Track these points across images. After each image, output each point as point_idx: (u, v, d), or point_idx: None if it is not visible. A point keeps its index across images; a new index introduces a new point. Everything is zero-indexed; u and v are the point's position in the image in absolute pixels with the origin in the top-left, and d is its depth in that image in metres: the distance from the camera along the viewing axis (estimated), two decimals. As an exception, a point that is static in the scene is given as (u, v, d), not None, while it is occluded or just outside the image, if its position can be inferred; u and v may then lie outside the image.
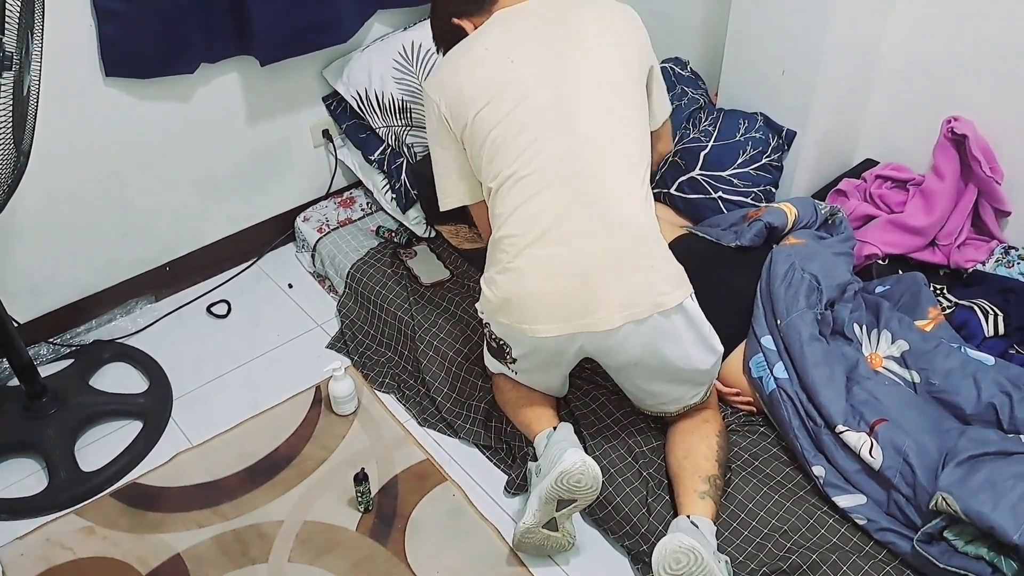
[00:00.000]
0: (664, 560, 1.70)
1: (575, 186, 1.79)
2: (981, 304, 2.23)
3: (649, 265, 1.79)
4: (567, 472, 1.76)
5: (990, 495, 1.66)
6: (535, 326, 1.79)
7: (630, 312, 1.76)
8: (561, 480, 1.76)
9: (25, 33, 1.66)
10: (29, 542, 2.05)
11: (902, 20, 2.51)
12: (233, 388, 2.44)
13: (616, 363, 1.90)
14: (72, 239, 2.46)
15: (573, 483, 1.77)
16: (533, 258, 1.78)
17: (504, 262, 1.82)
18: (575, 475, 1.76)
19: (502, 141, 1.82)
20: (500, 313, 1.85)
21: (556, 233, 1.77)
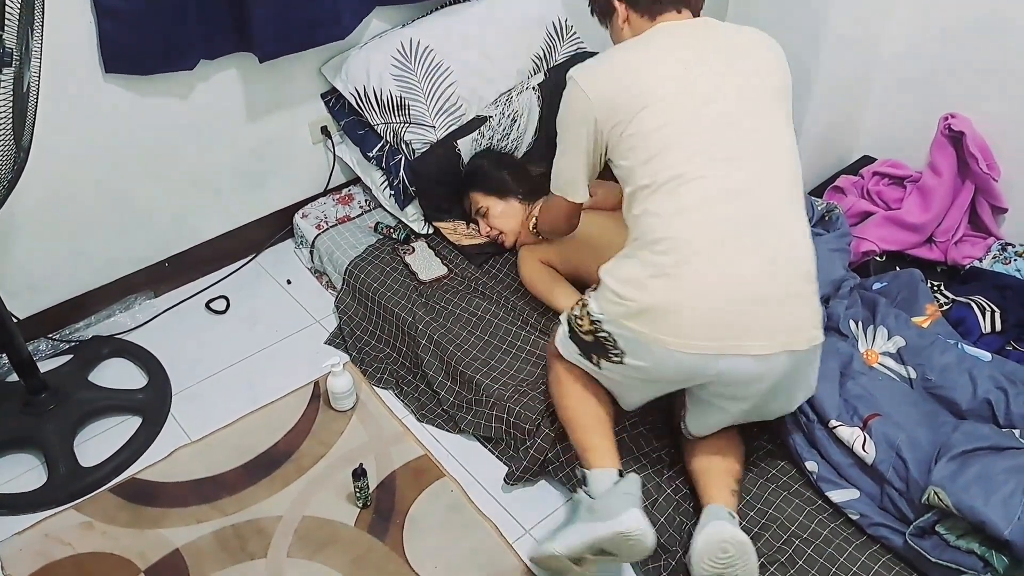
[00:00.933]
0: (710, 550, 1.69)
1: (752, 204, 1.73)
2: (978, 300, 2.24)
3: (809, 298, 1.75)
4: (625, 535, 1.70)
5: (982, 490, 1.67)
6: (682, 340, 1.68)
7: (788, 341, 1.70)
8: (616, 540, 1.71)
9: (25, 29, 1.67)
10: (28, 537, 2.05)
11: (900, 18, 2.52)
12: (231, 384, 2.45)
13: (735, 393, 1.79)
14: (71, 235, 2.46)
15: (628, 545, 1.71)
16: (700, 270, 1.69)
17: (664, 267, 1.70)
18: (631, 540, 1.70)
19: (669, 141, 1.75)
20: (637, 319, 1.72)
21: (730, 248, 1.69)
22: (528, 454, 2.09)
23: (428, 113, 2.60)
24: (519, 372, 2.26)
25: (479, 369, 2.27)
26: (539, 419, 2.11)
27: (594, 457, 1.89)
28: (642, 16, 1.92)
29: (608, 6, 1.98)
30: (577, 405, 1.98)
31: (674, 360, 1.71)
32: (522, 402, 2.16)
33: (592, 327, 1.84)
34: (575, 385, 1.99)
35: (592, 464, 1.88)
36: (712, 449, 1.95)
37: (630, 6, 1.94)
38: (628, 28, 1.95)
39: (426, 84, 2.60)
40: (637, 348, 1.75)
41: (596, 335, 1.83)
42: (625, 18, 1.95)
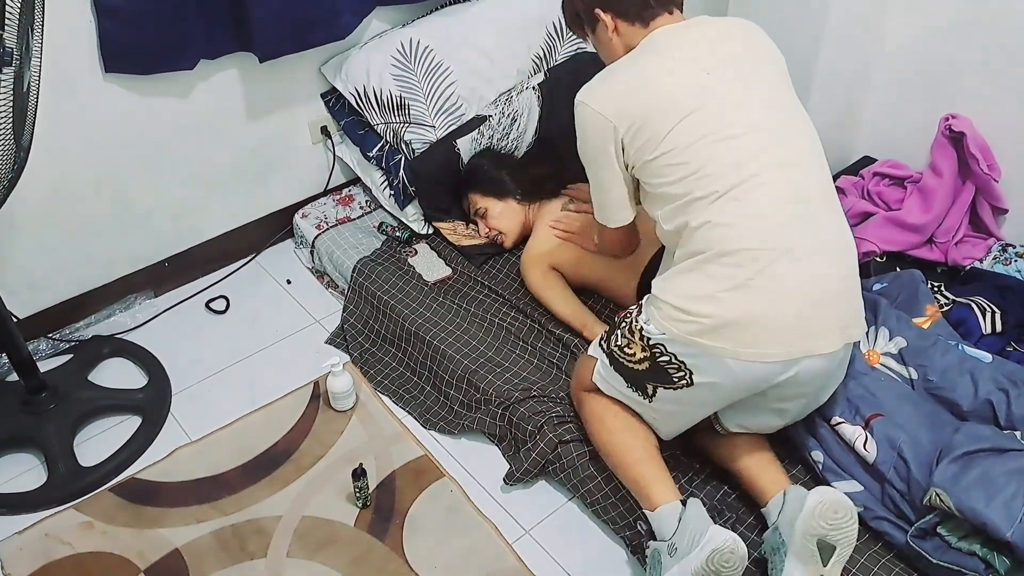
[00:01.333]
0: (823, 511, 1.66)
1: (806, 202, 1.73)
2: (979, 301, 2.23)
3: (858, 286, 1.78)
4: (718, 551, 1.65)
5: (984, 492, 1.67)
6: (760, 351, 1.66)
7: (848, 335, 1.73)
8: (712, 560, 1.65)
9: (25, 29, 1.67)
10: (28, 537, 2.05)
11: (900, 18, 2.52)
12: (231, 383, 2.45)
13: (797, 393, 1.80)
14: (71, 235, 2.46)
15: (723, 563, 1.65)
16: (778, 278, 1.66)
17: (740, 279, 1.66)
18: (725, 554, 1.65)
19: (714, 151, 1.71)
20: (712, 335, 1.67)
21: (799, 250, 1.68)
22: (530, 456, 2.09)
23: (428, 113, 2.60)
24: (523, 370, 2.26)
25: (489, 368, 2.27)
26: (542, 421, 2.10)
27: (655, 494, 1.83)
28: (633, 24, 1.86)
29: (592, 17, 1.90)
30: (625, 440, 1.92)
31: (750, 372, 1.70)
32: (527, 403, 2.15)
33: (650, 352, 1.78)
34: (618, 419, 1.94)
35: (655, 503, 1.82)
36: (748, 446, 1.94)
37: (618, 15, 1.86)
38: (617, 38, 1.88)
39: (426, 84, 2.60)
40: (709, 365, 1.71)
41: (656, 360, 1.78)
42: (613, 28, 1.87)
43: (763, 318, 1.66)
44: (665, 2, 1.86)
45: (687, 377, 1.75)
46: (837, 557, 1.70)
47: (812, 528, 1.68)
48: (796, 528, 1.68)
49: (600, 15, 1.88)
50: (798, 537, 1.68)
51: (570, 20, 2.01)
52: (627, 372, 1.86)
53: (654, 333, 1.75)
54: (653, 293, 1.79)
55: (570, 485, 2.07)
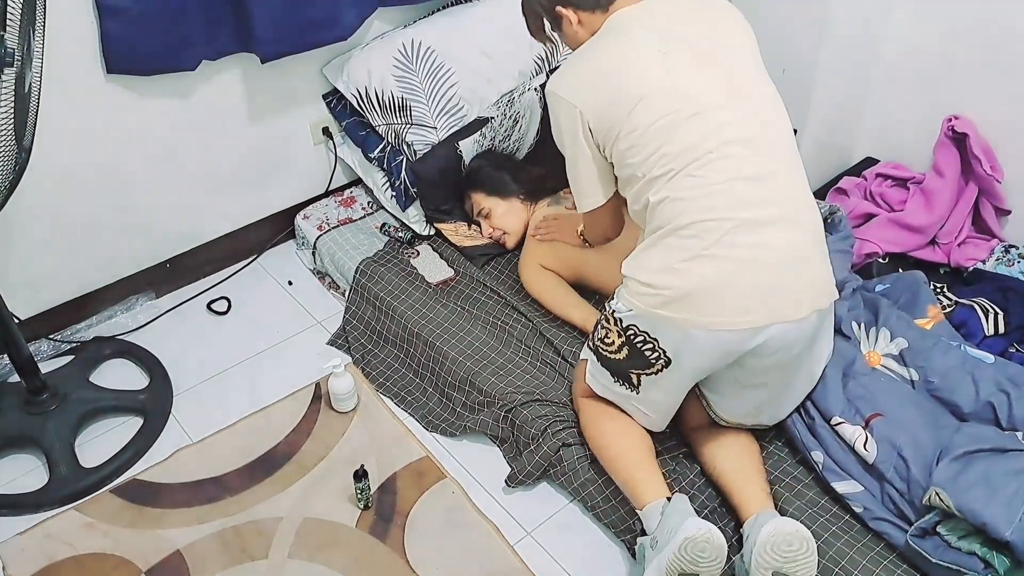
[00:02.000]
0: (776, 542, 1.67)
1: (766, 172, 1.74)
2: (981, 303, 2.23)
3: (824, 255, 1.79)
4: (691, 539, 1.65)
5: (983, 491, 1.67)
6: (724, 319, 1.68)
7: (816, 301, 1.74)
8: (685, 549, 1.65)
9: (27, 30, 1.67)
10: (29, 538, 2.05)
11: (902, 19, 2.52)
12: (233, 385, 2.45)
13: (773, 363, 1.79)
14: (73, 236, 2.46)
15: (697, 552, 1.65)
16: (738, 245, 1.68)
17: (697, 249, 1.68)
18: (699, 543, 1.65)
19: (672, 130, 1.73)
20: (674, 306, 1.70)
21: (757, 220, 1.69)
22: (532, 459, 2.08)
23: (430, 114, 2.60)
24: (525, 373, 2.26)
25: (491, 370, 2.27)
26: (545, 425, 2.10)
27: (642, 493, 1.86)
28: (594, 12, 1.88)
29: (555, 15, 1.93)
30: (618, 443, 1.95)
31: (717, 341, 1.71)
32: (530, 406, 2.15)
33: (625, 335, 1.81)
34: (612, 423, 1.97)
35: (642, 501, 1.85)
36: (738, 455, 1.94)
37: (577, 8, 1.89)
38: (582, 29, 1.91)
39: (428, 85, 2.60)
40: (677, 338, 1.73)
41: (631, 342, 1.80)
42: (577, 20, 1.90)
43: (723, 286, 1.68)
44: None
45: (662, 356, 1.77)
46: None
47: (765, 561, 1.68)
48: (752, 559, 1.70)
49: (562, 11, 1.91)
50: (753, 569, 1.70)
51: (534, 29, 2.03)
52: (611, 364, 1.89)
53: (623, 311, 1.79)
54: (623, 272, 1.82)
55: (571, 488, 2.07)
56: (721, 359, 1.77)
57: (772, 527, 1.69)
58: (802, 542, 1.68)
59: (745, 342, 1.71)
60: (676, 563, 1.67)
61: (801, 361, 1.84)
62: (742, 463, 1.93)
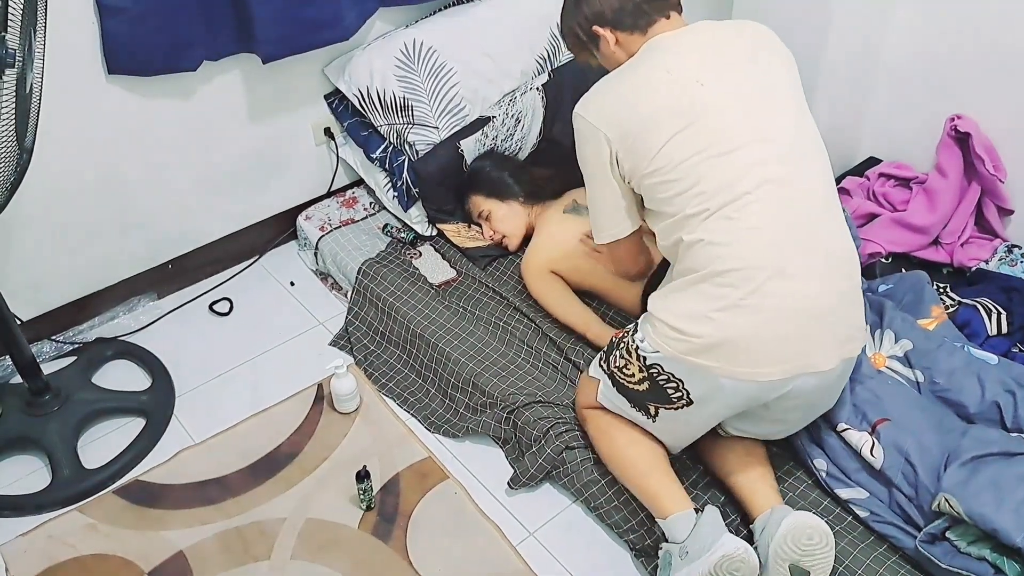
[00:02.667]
0: (796, 534, 1.66)
1: (802, 216, 1.70)
2: (984, 303, 2.23)
3: (858, 299, 1.76)
4: (728, 557, 1.65)
5: (993, 497, 1.66)
6: (757, 369, 1.66)
7: (846, 350, 1.72)
8: (721, 566, 1.65)
9: (27, 30, 1.67)
10: (32, 539, 2.05)
11: (904, 19, 2.51)
12: (235, 385, 2.44)
13: (796, 405, 1.79)
14: (75, 236, 2.46)
15: (732, 570, 1.66)
16: (772, 295, 1.65)
17: (733, 299, 1.65)
18: (735, 562, 1.65)
19: (707, 166, 1.69)
20: (705, 354, 1.67)
21: (793, 268, 1.66)
22: (535, 461, 2.08)
23: (431, 114, 2.60)
24: (528, 374, 2.26)
25: (494, 371, 2.27)
26: (548, 427, 2.10)
27: (667, 503, 1.84)
28: (631, 33, 1.85)
29: (592, 34, 1.90)
30: (631, 452, 1.92)
31: (744, 391, 1.70)
32: (533, 408, 2.15)
33: (647, 372, 1.78)
34: (624, 434, 1.94)
35: (667, 511, 1.82)
36: (747, 460, 1.93)
37: (615, 28, 1.86)
38: (620, 50, 1.88)
39: (429, 85, 2.60)
40: (703, 384, 1.72)
41: (654, 380, 1.78)
42: (615, 41, 1.87)
43: (756, 337, 1.66)
44: (661, 8, 1.84)
45: (685, 397, 1.75)
46: None
47: (784, 552, 1.68)
48: (769, 551, 1.69)
49: (599, 31, 1.88)
50: (771, 560, 1.69)
51: (573, 45, 2.00)
52: (628, 393, 1.86)
53: (648, 351, 1.76)
54: (649, 311, 1.78)
55: (574, 489, 2.07)
56: (746, 405, 1.76)
57: (793, 520, 1.69)
58: (822, 536, 1.68)
59: (773, 391, 1.71)
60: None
61: (825, 402, 1.85)
62: (750, 462, 1.92)
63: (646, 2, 1.83)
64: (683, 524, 1.78)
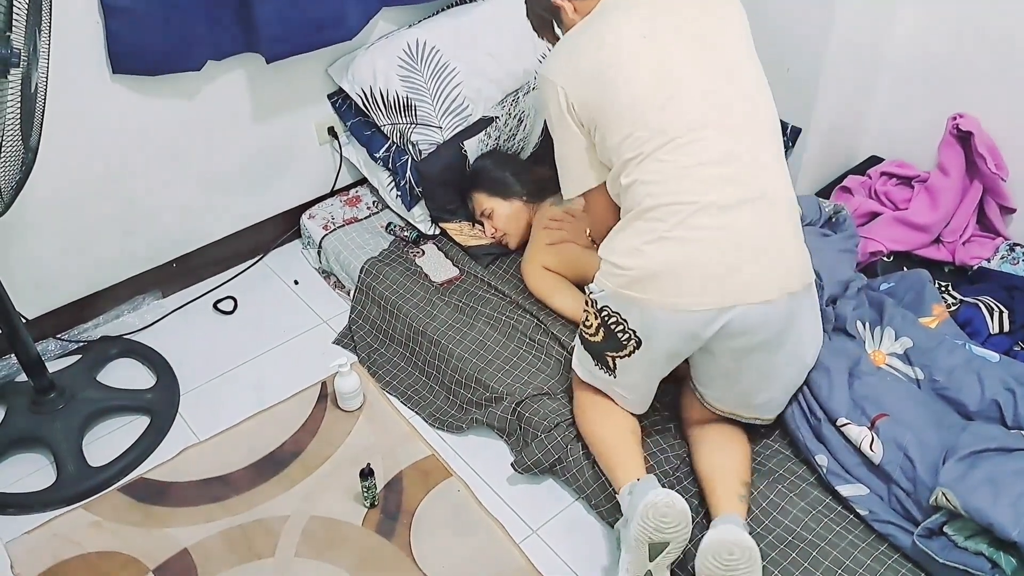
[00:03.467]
0: (715, 549, 1.66)
1: (737, 154, 1.74)
2: (986, 301, 2.23)
3: (798, 237, 1.79)
4: (651, 504, 1.67)
5: (990, 491, 1.66)
6: (685, 299, 1.70)
7: (786, 284, 1.74)
8: (647, 515, 1.67)
9: (32, 30, 1.67)
10: (37, 536, 2.06)
11: (907, 17, 2.51)
12: (239, 384, 2.45)
13: (745, 345, 1.79)
14: (79, 235, 2.47)
15: (659, 518, 1.66)
16: (699, 227, 1.69)
17: (660, 231, 1.71)
18: (660, 508, 1.66)
19: (646, 111, 1.75)
20: (638, 286, 1.73)
21: (723, 202, 1.70)
22: (543, 448, 2.08)
23: (434, 114, 2.61)
24: (532, 367, 2.27)
25: (498, 366, 2.28)
26: (557, 420, 2.11)
27: (620, 474, 1.88)
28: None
29: (554, 9, 1.97)
30: (601, 427, 1.99)
31: (680, 322, 1.73)
32: (540, 400, 2.16)
33: (600, 316, 1.84)
34: (595, 408, 2.01)
35: (619, 485, 1.88)
36: (719, 456, 1.94)
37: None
38: (579, 16, 1.93)
39: (432, 85, 2.61)
40: (642, 319, 1.77)
41: (606, 323, 1.83)
42: (572, 9, 1.93)
43: (683, 268, 1.70)
44: None
45: (632, 336, 1.80)
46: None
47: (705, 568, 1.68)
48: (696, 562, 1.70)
49: (558, 3, 1.95)
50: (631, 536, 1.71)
51: (537, 25, 2.07)
52: (591, 347, 1.92)
53: (595, 291, 1.84)
54: (599, 254, 1.84)
55: (575, 486, 2.07)
56: (687, 341, 1.78)
57: (713, 534, 1.69)
58: (743, 551, 1.67)
59: (707, 324, 1.73)
60: (642, 532, 1.68)
61: (780, 344, 1.82)
62: (721, 468, 1.92)
63: None
64: (626, 495, 1.82)
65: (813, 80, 2.49)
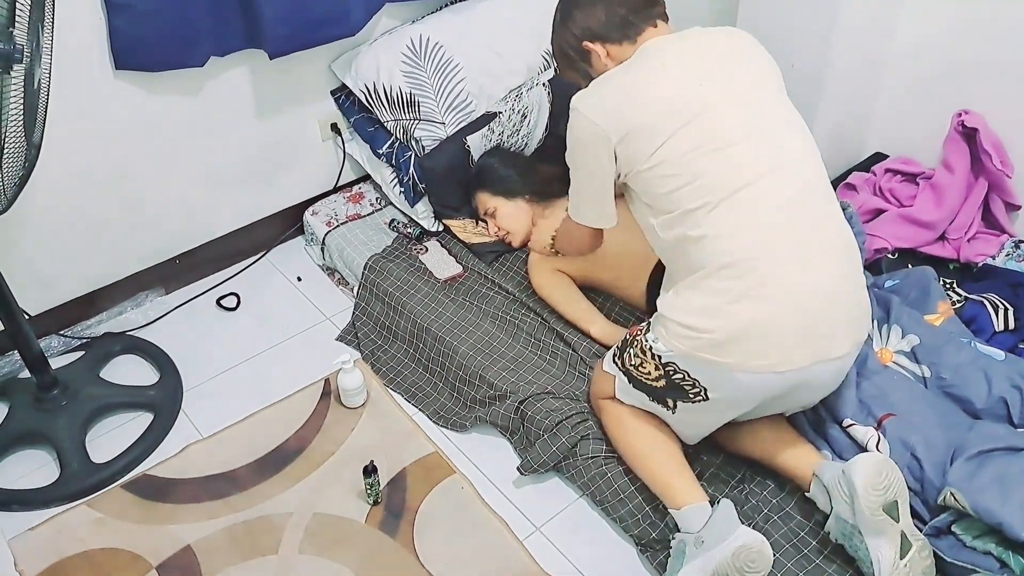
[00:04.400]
0: (870, 478, 1.65)
1: (801, 204, 1.72)
2: (991, 298, 2.22)
3: (863, 284, 1.77)
4: (745, 547, 1.67)
5: (999, 491, 1.66)
6: (769, 362, 1.67)
7: (858, 334, 1.74)
8: (737, 556, 1.67)
9: (35, 26, 1.67)
10: (40, 533, 2.06)
11: (912, 13, 2.50)
12: (243, 380, 2.45)
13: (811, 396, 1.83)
14: (82, 232, 2.47)
15: (748, 561, 1.67)
16: (780, 287, 1.66)
17: (741, 289, 1.66)
18: (752, 553, 1.67)
19: (707, 161, 1.70)
20: (717, 350, 1.68)
21: (799, 256, 1.68)
22: (548, 449, 2.08)
23: (438, 110, 2.60)
24: (536, 367, 2.27)
25: (502, 364, 2.28)
26: (560, 418, 2.10)
27: (682, 495, 1.85)
28: (621, 44, 1.85)
29: (583, 51, 1.90)
30: (647, 443, 1.94)
31: (762, 383, 1.71)
32: (544, 399, 2.16)
33: (663, 370, 1.80)
34: (639, 424, 1.95)
35: (682, 503, 1.84)
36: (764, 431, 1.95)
37: (605, 42, 1.86)
38: (612, 62, 1.87)
39: (436, 81, 2.60)
40: (720, 380, 1.72)
41: (671, 377, 1.79)
42: (606, 54, 1.88)
43: (768, 327, 1.66)
44: (647, 17, 1.85)
45: (702, 393, 1.76)
46: (903, 507, 1.69)
47: (873, 502, 1.66)
48: (859, 509, 1.67)
49: (590, 46, 1.89)
50: (866, 517, 1.67)
51: (563, 64, 2.00)
52: (647, 388, 1.87)
53: (663, 351, 1.77)
54: (660, 311, 1.79)
55: (580, 483, 2.07)
56: (765, 396, 1.77)
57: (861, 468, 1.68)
58: (890, 467, 1.69)
59: (790, 381, 1.71)
60: (725, 568, 1.68)
61: (833, 386, 1.86)
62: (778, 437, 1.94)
63: (632, 13, 1.84)
64: (698, 515, 1.79)
65: (818, 77, 2.48)
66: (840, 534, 1.77)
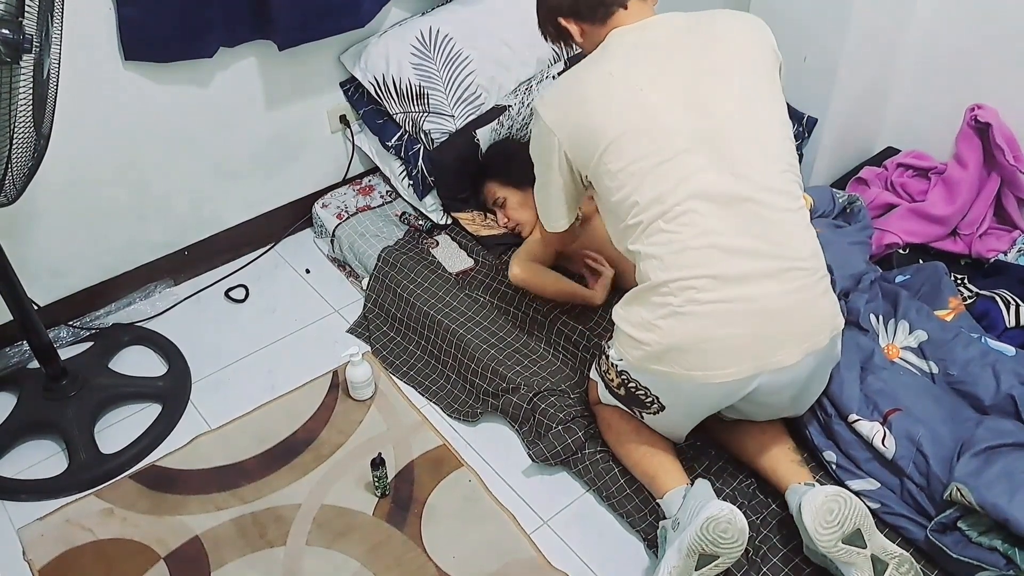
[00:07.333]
0: (817, 517, 1.66)
1: (743, 221, 1.66)
2: (1002, 294, 2.22)
3: (824, 291, 1.73)
4: (713, 518, 1.65)
5: (1006, 487, 1.66)
6: (710, 372, 1.67)
7: (811, 344, 1.70)
8: (707, 528, 1.65)
9: (45, 16, 1.67)
10: (49, 523, 2.06)
11: (925, 7, 2.49)
12: (251, 372, 2.45)
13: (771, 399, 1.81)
14: (91, 223, 2.47)
15: (719, 532, 1.65)
16: (713, 301, 1.65)
17: (674, 306, 1.66)
18: (722, 523, 1.65)
19: (643, 175, 1.69)
20: (661, 361, 1.70)
21: (734, 272, 1.65)
22: (562, 440, 2.08)
23: (447, 102, 2.60)
24: (546, 360, 2.28)
25: (516, 359, 2.28)
26: (574, 414, 2.12)
27: (662, 482, 1.88)
28: (592, 24, 1.85)
29: (561, 30, 1.91)
30: (632, 440, 1.97)
31: (705, 392, 1.72)
32: (556, 393, 2.17)
33: (620, 379, 1.83)
34: (624, 423, 2.00)
35: (662, 489, 1.87)
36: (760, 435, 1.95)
37: (578, 19, 1.86)
38: (587, 40, 1.88)
39: (445, 73, 2.59)
40: (666, 389, 1.76)
41: (627, 387, 1.83)
42: (580, 32, 1.88)
43: (703, 341, 1.67)
44: None
45: (656, 402, 1.80)
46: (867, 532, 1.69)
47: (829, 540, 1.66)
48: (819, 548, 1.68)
49: (563, 23, 1.89)
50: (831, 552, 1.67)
51: (551, 38, 2.01)
52: (617, 396, 1.92)
53: (615, 359, 1.83)
54: (614, 320, 1.82)
55: (587, 478, 2.07)
56: (714, 404, 1.80)
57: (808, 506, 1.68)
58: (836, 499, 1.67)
59: (735, 391, 1.72)
60: (698, 542, 1.66)
61: (806, 387, 1.84)
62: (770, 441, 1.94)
63: None
64: (676, 498, 1.82)
65: (830, 70, 2.47)
66: (818, 558, 1.79)
